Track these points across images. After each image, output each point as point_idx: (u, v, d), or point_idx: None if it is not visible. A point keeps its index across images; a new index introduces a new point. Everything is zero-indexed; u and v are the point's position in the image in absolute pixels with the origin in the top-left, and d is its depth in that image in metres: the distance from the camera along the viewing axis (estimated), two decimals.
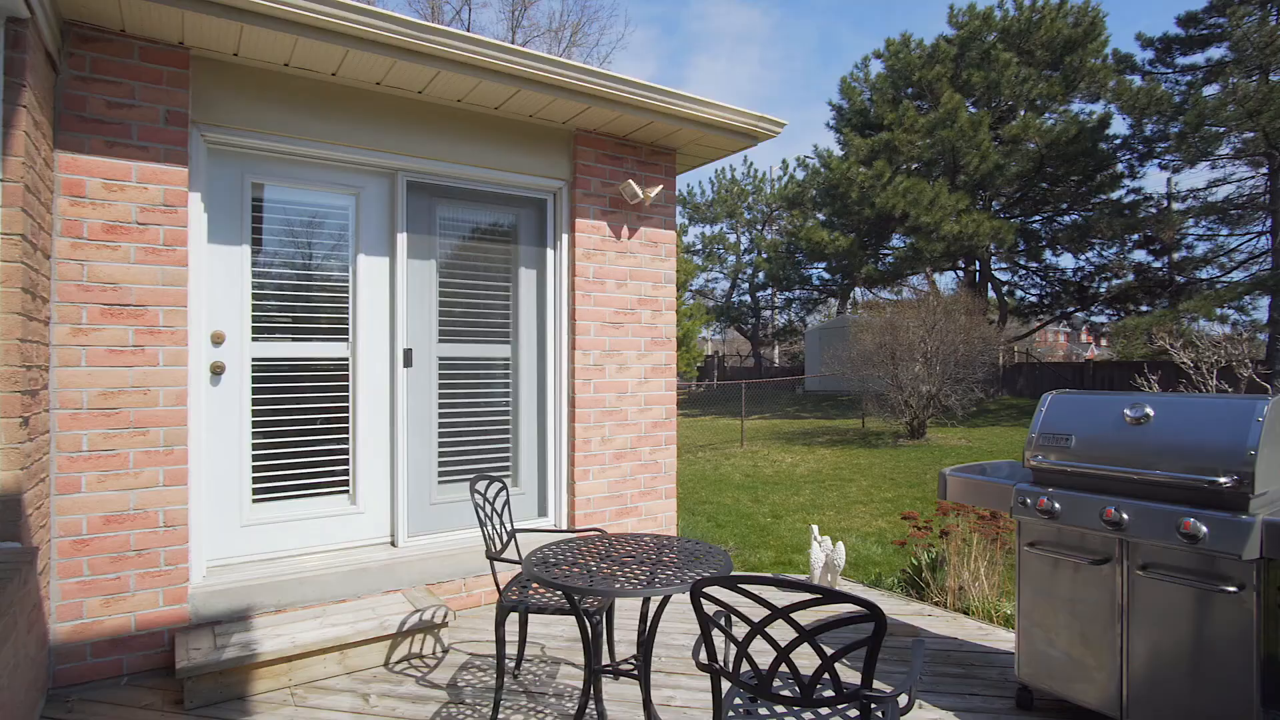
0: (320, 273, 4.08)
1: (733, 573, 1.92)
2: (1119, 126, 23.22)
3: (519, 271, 4.68)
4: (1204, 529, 2.46)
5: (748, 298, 39.16)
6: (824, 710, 2.00)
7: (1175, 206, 22.43)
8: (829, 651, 1.67)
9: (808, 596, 1.65)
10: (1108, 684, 2.75)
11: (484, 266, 4.59)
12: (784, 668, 1.72)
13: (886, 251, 26.48)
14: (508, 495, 3.43)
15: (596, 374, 4.73)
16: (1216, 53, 20.94)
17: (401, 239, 4.19)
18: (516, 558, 3.37)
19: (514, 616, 3.57)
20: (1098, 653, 2.78)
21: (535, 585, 3.09)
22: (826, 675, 1.70)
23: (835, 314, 34.23)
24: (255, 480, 3.87)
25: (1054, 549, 2.91)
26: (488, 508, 3.18)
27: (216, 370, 3.71)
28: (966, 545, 4.50)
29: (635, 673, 2.61)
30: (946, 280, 28.46)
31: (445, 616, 3.59)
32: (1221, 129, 19.13)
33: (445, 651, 3.60)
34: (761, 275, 36.81)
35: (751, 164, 44.02)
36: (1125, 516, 2.65)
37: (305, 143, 3.85)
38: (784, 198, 33.83)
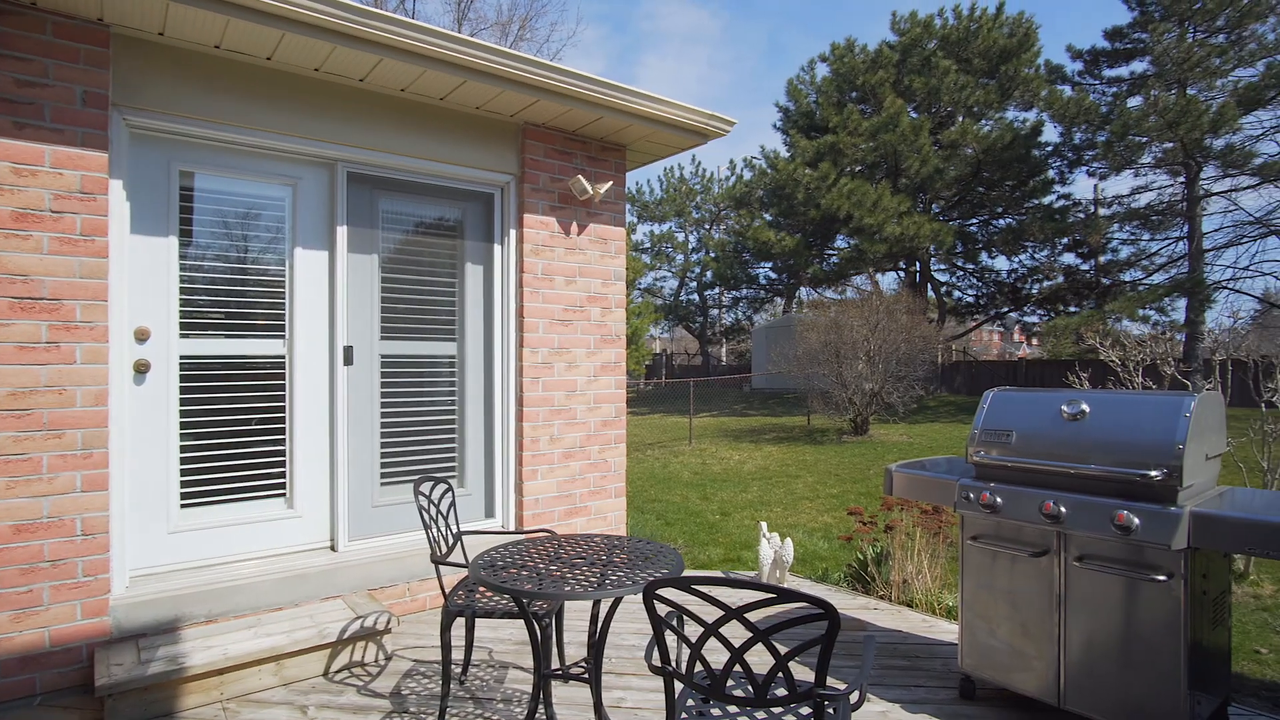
0: (255, 266, 3.89)
1: (685, 572, 1.89)
2: (1050, 134, 24.15)
3: (465, 267, 4.57)
4: (1136, 521, 2.55)
5: (696, 296, 39.41)
6: (777, 709, 1.99)
7: (1101, 212, 23.52)
8: (782, 650, 1.66)
9: (762, 596, 1.63)
10: (1046, 672, 2.83)
11: (429, 262, 4.46)
12: (737, 667, 1.70)
13: (831, 252, 27.01)
14: (453, 497, 3.34)
15: (545, 372, 4.66)
16: (1140, 66, 22.04)
17: (342, 232, 4.04)
18: (463, 561, 3.29)
19: (461, 621, 3.47)
20: (1037, 642, 2.85)
21: (482, 589, 3.02)
22: (780, 674, 1.69)
23: (781, 313, 34.72)
24: (184, 484, 3.67)
25: (996, 542, 2.98)
26: (433, 510, 3.09)
27: (141, 368, 3.51)
28: (910, 540, 4.60)
29: (586, 676, 2.57)
30: (888, 280, 29.20)
31: (388, 623, 3.47)
32: (1144, 139, 20.12)
33: (388, 659, 3.49)
34: (709, 274, 37.09)
35: (700, 163, 44.35)
36: (1063, 510, 2.73)
37: (239, 130, 3.67)
38: (732, 197, 34.17)
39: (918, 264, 26.23)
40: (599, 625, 2.58)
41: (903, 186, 23.51)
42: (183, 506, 3.67)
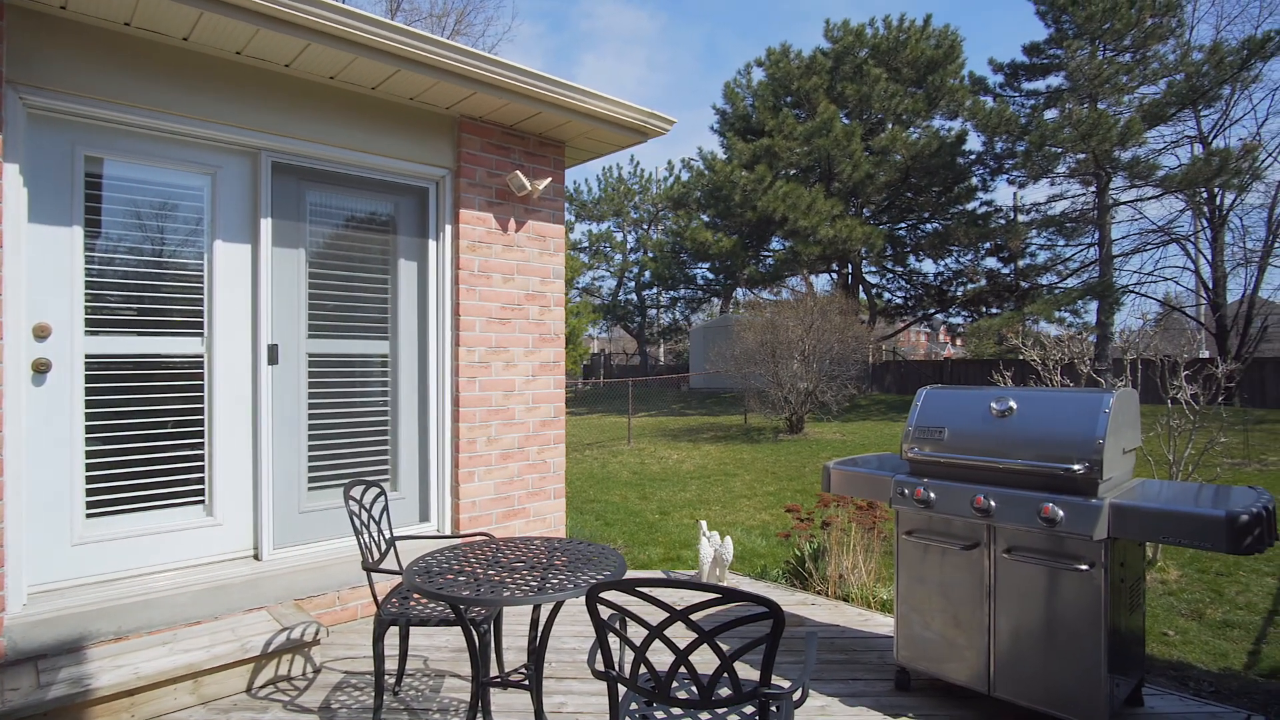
0: (171, 260, 3.67)
1: (627, 573, 1.85)
2: (974, 143, 25.31)
3: (399, 263, 4.42)
4: (1061, 513, 2.65)
5: (634, 296, 39.50)
6: (722, 710, 1.98)
7: (1020, 218, 24.67)
8: (726, 650, 1.64)
9: (708, 597, 1.61)
10: (977, 661, 2.91)
11: (360, 257, 4.30)
12: (682, 668, 1.68)
13: (767, 253, 27.48)
14: (386, 501, 3.21)
15: (482, 371, 4.55)
16: (1056, 81, 23.21)
17: (265, 225, 3.84)
18: (397, 567, 3.17)
19: (394, 630, 3.35)
20: (968, 632, 2.94)
21: (417, 595, 2.91)
22: (725, 674, 1.67)
23: (719, 313, 35.15)
24: (91, 492, 3.42)
25: (929, 536, 3.06)
26: (364, 515, 2.96)
27: (40, 368, 3.25)
28: (846, 535, 4.68)
29: (526, 682, 2.51)
30: (822, 282, 29.90)
31: (317, 633, 3.32)
32: (1059, 150, 21.19)
33: (317, 671, 3.33)
34: (648, 274, 37.23)
35: (638, 163, 44.44)
36: (993, 504, 2.82)
37: (152, 114, 3.44)
38: (670, 198, 34.37)
39: (850, 266, 26.95)
40: (539, 630, 2.52)
41: (836, 190, 24.11)
42: (89, 516, 3.42)
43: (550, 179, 4.80)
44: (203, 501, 3.73)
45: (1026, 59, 23.59)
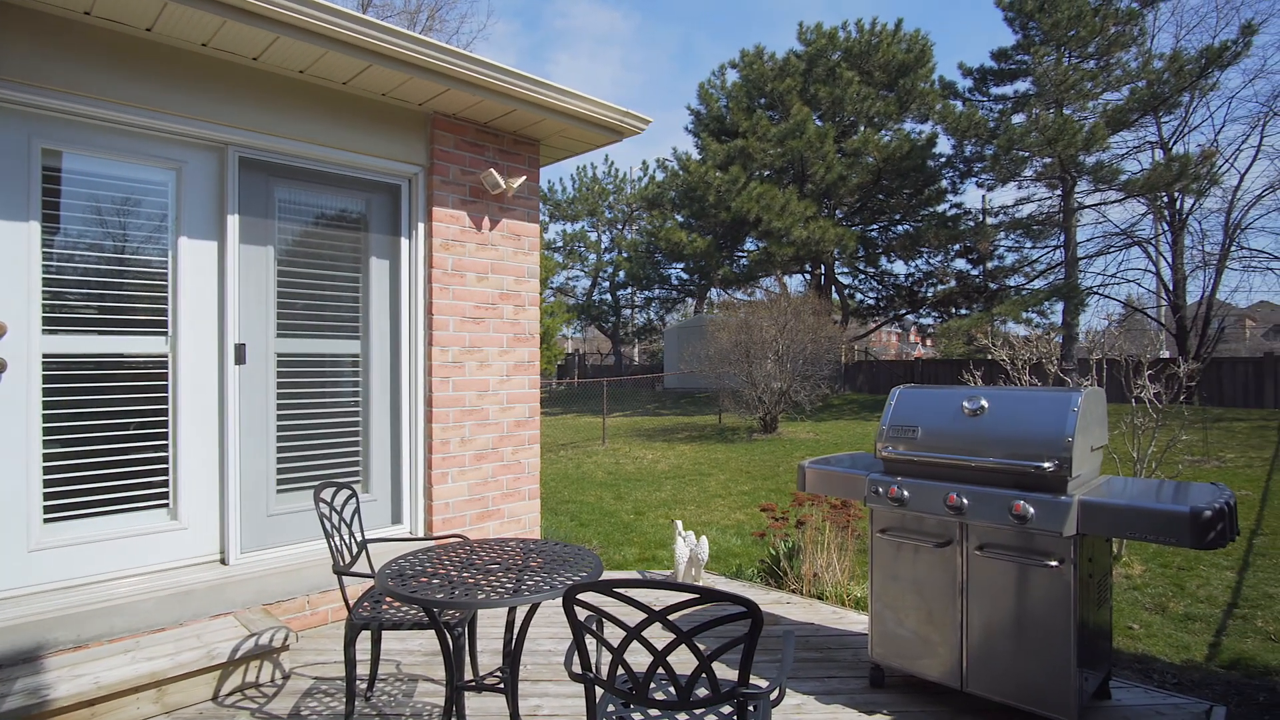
0: (135, 257, 3.56)
1: (603, 573, 1.84)
2: (944, 146, 25.57)
3: (370, 261, 4.35)
4: (1032, 510, 2.69)
5: (608, 296, 39.43)
6: (699, 710, 1.97)
7: (989, 221, 25.08)
8: (705, 651, 1.64)
9: (686, 597, 1.60)
10: (950, 657, 2.95)
11: (330, 255, 4.22)
12: (660, 669, 1.67)
13: (741, 254, 27.59)
14: (358, 503, 3.16)
15: (456, 371, 4.50)
16: (1023, 86, 23.63)
17: (233, 221, 3.76)
18: (369, 570, 3.12)
19: (366, 634, 3.29)
20: (941, 629, 2.97)
21: (390, 598, 2.86)
22: (703, 674, 1.66)
23: (693, 313, 35.23)
24: (48, 497, 3.31)
25: (903, 534, 3.09)
26: (335, 517, 2.91)
27: None
28: (820, 534, 4.71)
29: (501, 685, 2.48)
30: (795, 283, 30.12)
31: (286, 639, 3.25)
32: (1026, 154, 21.58)
33: (286, 678, 3.26)
34: (622, 274, 37.19)
35: (612, 163, 44.39)
36: (965, 501, 2.85)
37: (113, 106, 3.35)
38: (644, 198, 34.37)
39: (823, 267, 27.18)
40: (515, 633, 2.49)
41: (809, 192, 24.30)
42: (46, 521, 3.31)
43: (525, 177, 4.76)
44: (167, 505, 3.63)
45: (995, 64, 23.98)
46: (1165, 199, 22.17)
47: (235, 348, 3.77)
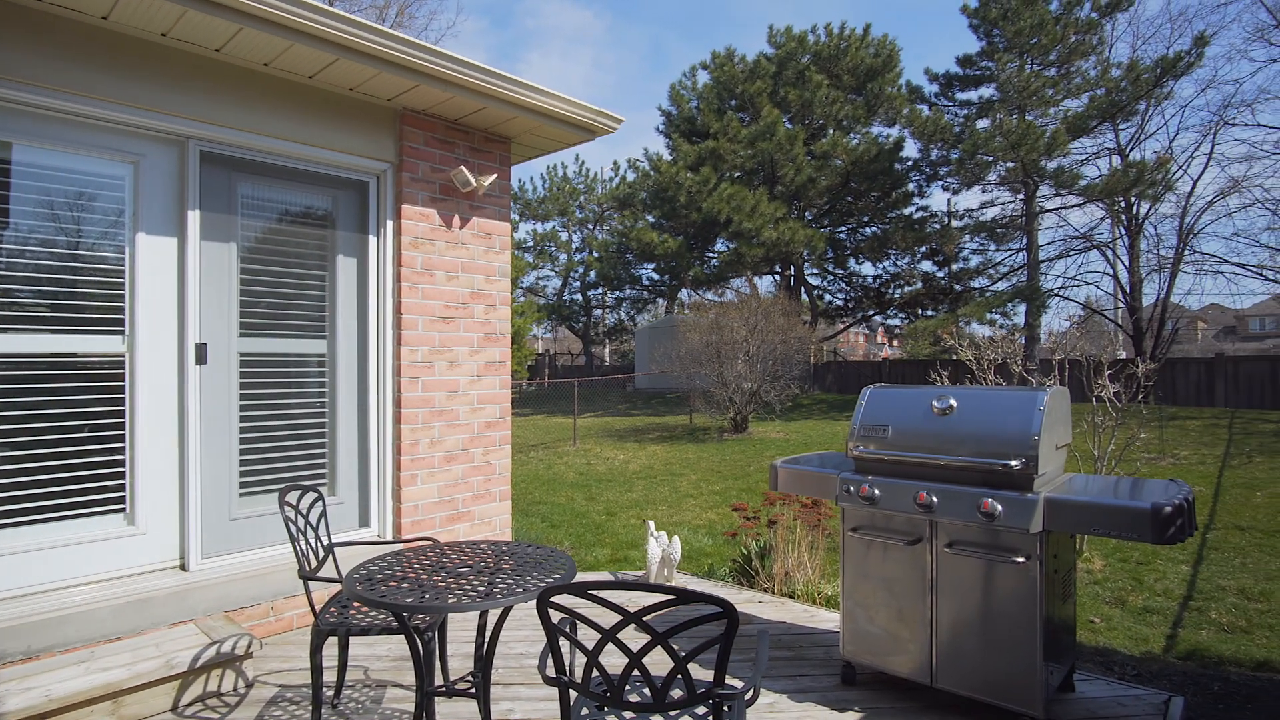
0: (89, 253, 3.44)
1: (576, 575, 1.82)
2: (910, 150, 25.90)
3: (337, 259, 4.26)
4: (1000, 508, 2.73)
5: (579, 296, 39.32)
6: (674, 712, 1.96)
7: (954, 224, 25.53)
8: (680, 651, 1.62)
9: (661, 598, 1.58)
10: (919, 654, 2.98)
11: (296, 253, 4.13)
12: (634, 671, 1.65)
13: (712, 254, 27.72)
14: (324, 506, 3.09)
15: (425, 371, 4.43)
16: (987, 92, 24.13)
17: (193, 217, 3.65)
18: (336, 575, 3.05)
19: (333, 640, 3.23)
20: (911, 626, 3.00)
21: (358, 603, 2.81)
22: (679, 676, 1.65)
23: (664, 314, 35.29)
24: None
25: (874, 532, 3.11)
26: (300, 521, 2.84)
27: None
28: (791, 533, 4.74)
29: (472, 690, 2.44)
30: (765, 283, 30.34)
31: (249, 646, 3.17)
32: (990, 158, 22.02)
33: (250, 686, 3.18)
34: (593, 274, 37.11)
35: (583, 163, 44.27)
36: (935, 499, 2.89)
37: (67, 97, 3.23)
38: (615, 198, 34.37)
39: (792, 268, 27.42)
40: (487, 636, 2.46)
41: (779, 193, 24.50)
42: None
43: (496, 175, 4.71)
44: (124, 510, 3.52)
45: (960, 70, 24.44)
46: (1122, 204, 22.80)
47: (196, 347, 3.67)
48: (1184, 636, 4.46)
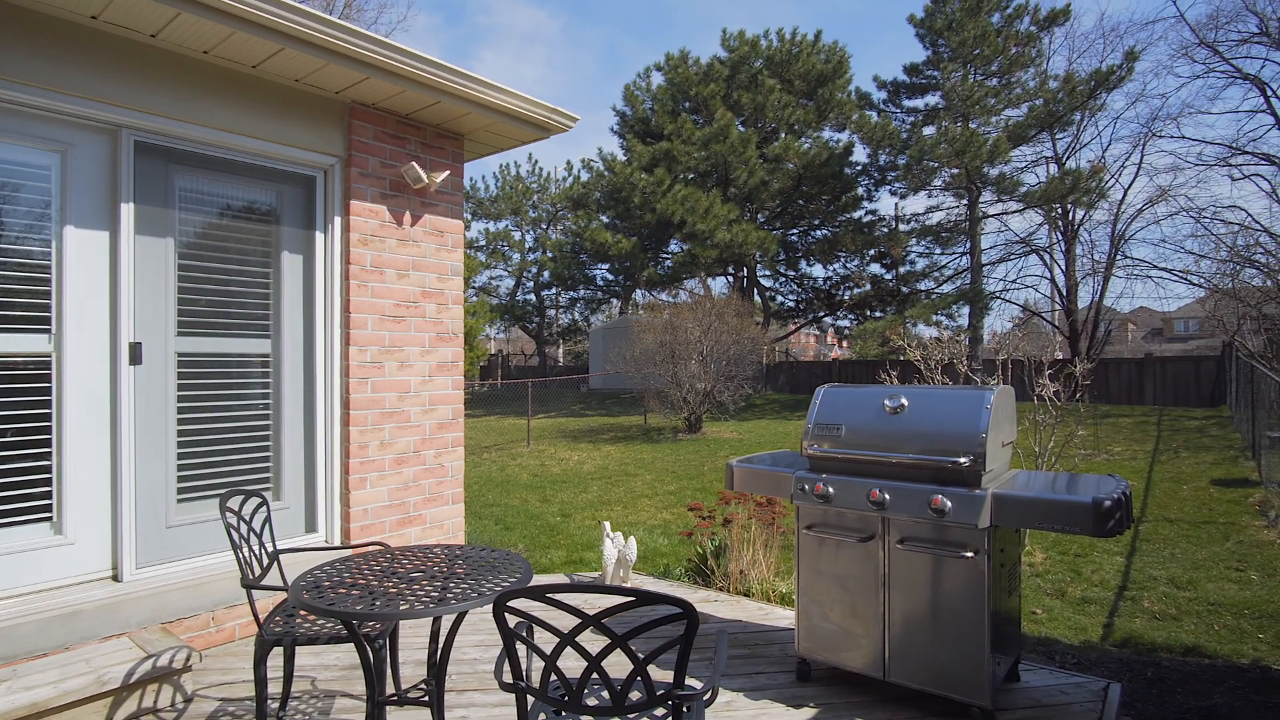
0: (11, 247, 3.24)
1: (533, 578, 1.78)
2: (860, 155, 26.45)
3: (282, 256, 4.12)
4: (949, 504, 2.79)
5: (532, 296, 39.03)
6: (633, 715, 1.94)
7: (902, 228, 26.17)
8: (639, 653, 1.61)
9: (621, 600, 1.56)
10: (872, 649, 3.02)
11: (239, 249, 3.97)
12: (594, 675, 1.63)
13: (666, 255, 27.83)
14: (269, 511, 2.98)
15: (375, 372, 4.32)
16: (933, 100, 24.80)
17: (127, 211, 3.48)
18: (281, 583, 2.95)
19: (279, 650, 3.11)
20: (865, 621, 3.05)
21: (305, 611, 2.71)
22: (638, 678, 1.63)
23: (618, 314, 35.27)
24: None
25: (828, 530, 3.15)
26: (243, 527, 2.73)
27: None
28: (746, 532, 4.77)
29: (426, 699, 2.38)
30: (719, 285, 30.60)
31: (188, 659, 3.03)
32: (936, 164, 22.65)
33: (188, 701, 3.04)
34: (546, 274, 36.88)
35: (536, 162, 43.96)
36: (887, 497, 2.93)
37: None
38: (569, 198, 34.20)
39: (745, 270, 27.72)
40: (440, 643, 2.40)
41: (732, 195, 24.73)
42: None
43: (448, 172, 4.62)
44: (50, 518, 3.33)
45: (907, 78, 25.08)
46: (1059, 210, 23.73)
47: (130, 346, 3.50)
48: (1119, 625, 4.65)
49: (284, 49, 3.49)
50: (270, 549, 2.93)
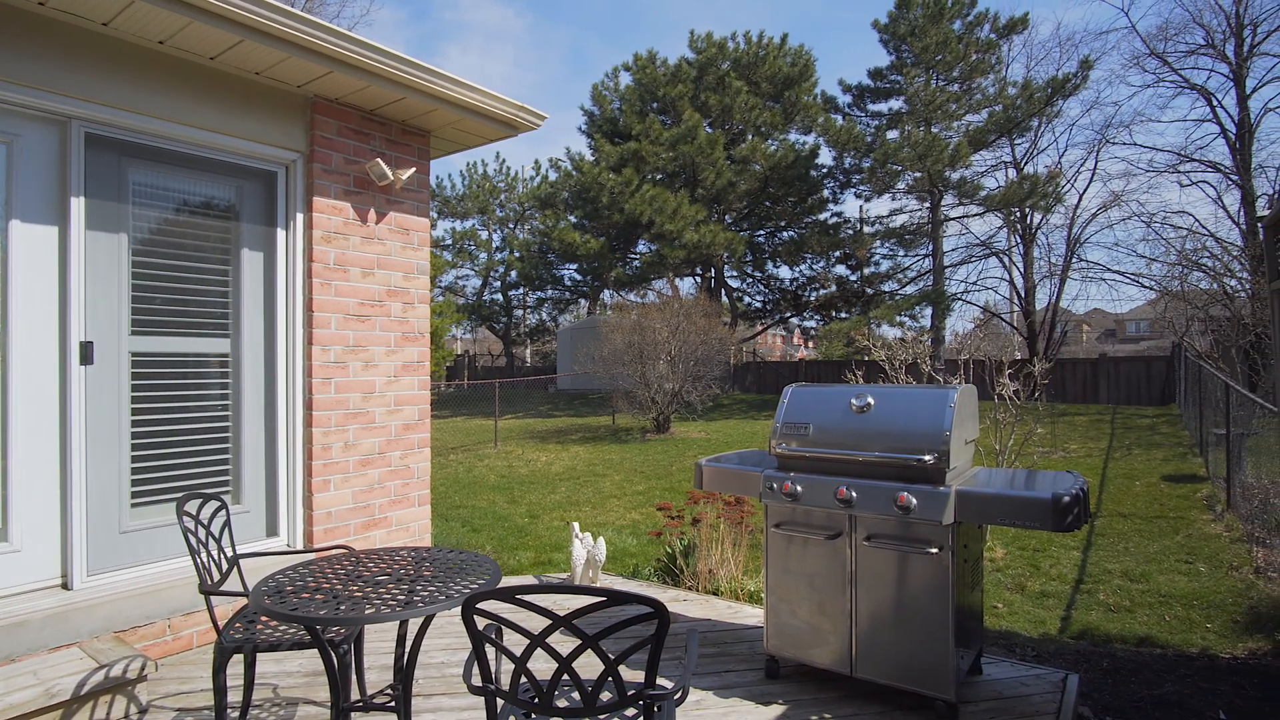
0: None
1: (502, 580, 1.76)
2: (825, 158, 26.80)
3: (242, 253, 4.02)
4: (914, 501, 2.83)
5: (500, 296, 38.71)
6: (604, 716, 1.93)
7: (866, 230, 26.55)
8: (609, 653, 1.60)
9: (592, 601, 1.55)
10: (840, 645, 3.06)
11: (196, 245, 3.86)
12: (564, 676, 1.62)
13: (634, 256, 27.84)
14: (228, 515, 2.91)
15: (339, 372, 4.24)
16: (896, 104, 25.20)
17: (77, 205, 3.36)
18: (241, 588, 2.87)
19: (239, 658, 3.03)
20: (832, 618, 3.08)
21: (266, 617, 2.64)
22: (609, 678, 1.62)
23: (586, 315, 35.18)
24: None
25: (796, 528, 3.17)
26: (201, 531, 2.66)
27: None
28: (715, 531, 4.79)
29: (392, 704, 2.34)
30: (687, 285, 30.70)
31: (143, 669, 2.94)
32: (899, 167, 23.03)
33: (143, 712, 2.95)
34: (514, 274, 36.62)
35: (504, 161, 43.55)
36: (854, 494, 2.97)
37: None
38: (537, 197, 33.99)
39: (713, 270, 27.86)
40: (407, 647, 2.36)
41: (700, 197, 24.83)
42: None
43: (414, 169, 4.56)
44: None
45: (871, 82, 25.45)
46: (1018, 214, 24.30)
47: (80, 346, 3.38)
48: (1076, 618, 4.77)
49: (243, 41, 3.41)
50: (230, 554, 2.85)
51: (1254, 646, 4.17)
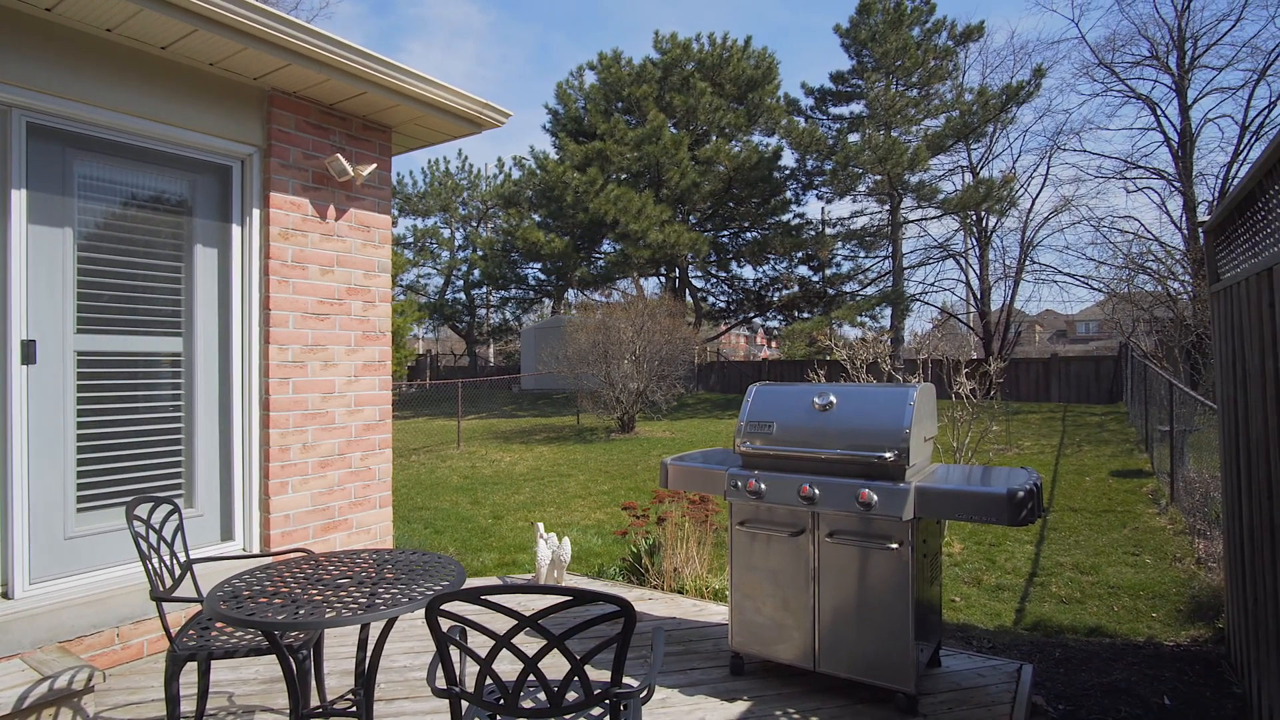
0: None
1: (466, 581, 1.74)
2: (788, 159, 27.03)
3: (195, 250, 3.90)
4: (875, 497, 2.88)
5: (462, 295, 38.28)
6: (569, 716, 1.92)
7: (828, 231, 26.92)
8: (576, 653, 1.59)
9: (558, 600, 1.55)
10: (803, 641, 3.09)
11: (147, 241, 3.74)
12: (530, 677, 1.61)
13: (598, 255, 27.79)
14: (181, 519, 2.82)
15: (297, 372, 4.15)
16: (857, 108, 25.61)
17: (18, 198, 3.23)
18: (195, 594, 2.79)
19: (193, 666, 2.95)
20: (796, 614, 3.11)
21: (222, 623, 2.57)
22: (575, 678, 1.62)
23: (550, 314, 34.99)
24: None
25: (760, 526, 3.20)
26: (152, 536, 2.58)
27: None
28: (680, 530, 4.81)
29: (353, 709, 2.29)
30: (651, 285, 30.76)
31: (90, 679, 2.83)
32: (860, 170, 23.40)
33: None
34: (477, 273, 36.24)
35: (466, 158, 42.99)
36: (817, 491, 3.01)
37: None
38: (500, 196, 33.73)
39: (677, 270, 27.96)
40: (369, 651, 2.32)
41: (664, 197, 24.91)
42: None
43: (375, 165, 4.48)
44: None
45: (833, 86, 25.81)
46: (974, 217, 24.91)
47: (22, 344, 3.25)
48: (1030, 610, 4.90)
49: (196, 31, 3.31)
50: (183, 559, 2.77)
51: (1196, 634, 4.34)
